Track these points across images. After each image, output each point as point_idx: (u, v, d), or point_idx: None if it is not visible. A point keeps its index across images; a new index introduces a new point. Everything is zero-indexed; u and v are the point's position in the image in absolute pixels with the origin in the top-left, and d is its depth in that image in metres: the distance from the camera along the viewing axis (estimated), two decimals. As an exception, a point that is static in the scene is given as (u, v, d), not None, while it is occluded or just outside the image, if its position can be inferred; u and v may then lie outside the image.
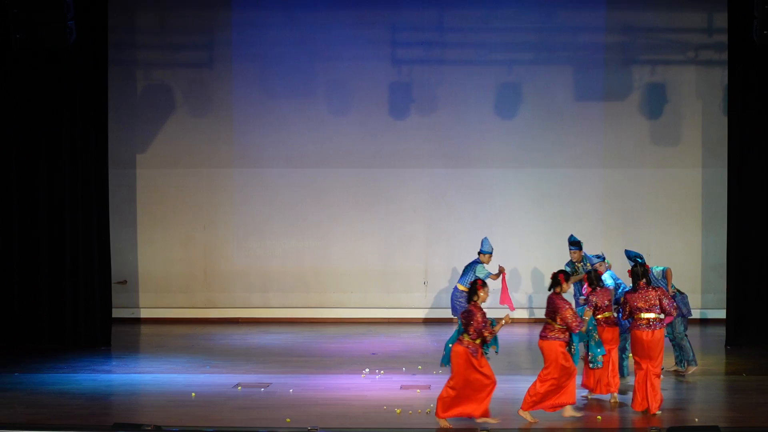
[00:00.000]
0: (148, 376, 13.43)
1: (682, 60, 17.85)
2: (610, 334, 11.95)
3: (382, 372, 13.52)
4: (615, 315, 12.07)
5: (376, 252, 18.08)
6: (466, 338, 10.87)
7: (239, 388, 12.63)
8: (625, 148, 18.02)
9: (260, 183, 18.18)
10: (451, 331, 16.10)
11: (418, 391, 12.45)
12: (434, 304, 18.04)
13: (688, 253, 17.90)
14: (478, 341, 10.85)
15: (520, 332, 16.63)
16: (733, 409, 11.67)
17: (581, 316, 11.42)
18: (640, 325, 11.29)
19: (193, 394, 12.27)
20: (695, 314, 17.71)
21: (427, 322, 17.87)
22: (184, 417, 11.21)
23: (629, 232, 17.91)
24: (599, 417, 11.26)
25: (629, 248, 14.17)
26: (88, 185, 15.65)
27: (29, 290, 15.51)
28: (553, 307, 11.22)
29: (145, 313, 18.09)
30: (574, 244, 15.01)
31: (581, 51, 17.96)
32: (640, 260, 12.45)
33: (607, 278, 13.42)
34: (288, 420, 10.95)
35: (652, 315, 11.26)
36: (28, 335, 15.46)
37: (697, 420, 10.96)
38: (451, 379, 10.91)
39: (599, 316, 11.91)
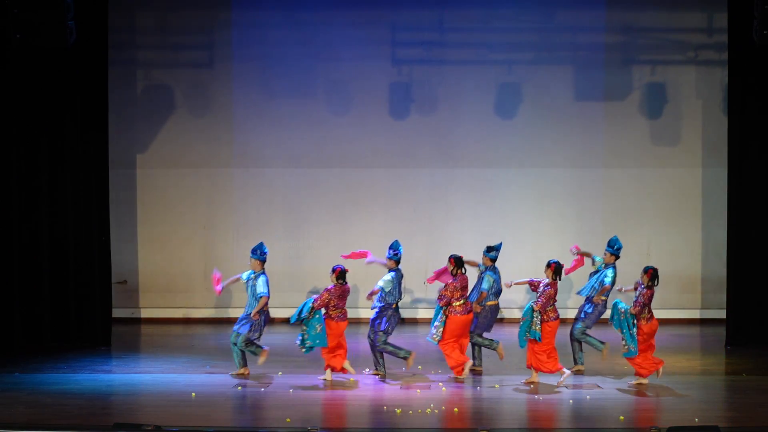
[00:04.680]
0: (148, 376, 13.42)
1: (682, 60, 17.85)
2: None
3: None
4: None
5: (375, 252, 18.00)
6: None
7: (239, 388, 12.63)
8: (625, 148, 18.03)
9: (260, 183, 18.19)
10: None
11: (419, 391, 12.45)
12: (434, 303, 18.00)
13: (688, 253, 17.92)
14: None
15: (514, 331, 16.64)
16: (733, 409, 11.67)
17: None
18: None
19: (193, 394, 12.27)
20: (696, 314, 17.79)
21: (427, 322, 17.84)
22: (184, 417, 11.21)
23: (629, 232, 17.90)
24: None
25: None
26: (88, 185, 15.66)
27: (30, 290, 15.50)
28: None
29: (145, 313, 18.09)
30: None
31: (581, 51, 17.96)
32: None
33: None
34: (288, 420, 10.95)
35: None
36: (29, 335, 15.44)
37: (697, 420, 10.95)
38: None
39: None
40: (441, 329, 13.16)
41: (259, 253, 13.62)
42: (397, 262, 13.70)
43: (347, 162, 18.15)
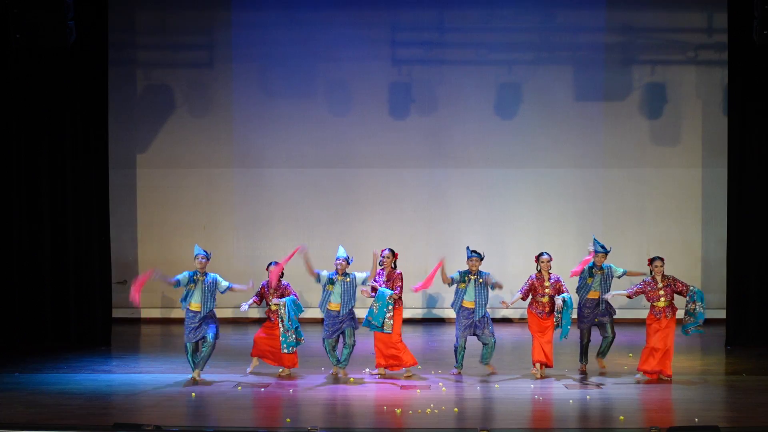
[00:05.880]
0: (148, 376, 13.42)
1: (682, 60, 17.85)
2: None
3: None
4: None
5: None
6: None
7: (239, 388, 12.63)
8: (625, 148, 18.04)
9: (260, 183, 18.19)
10: (450, 330, 16.18)
11: (418, 391, 12.45)
12: (434, 304, 18.04)
13: (687, 252, 17.92)
14: None
15: (514, 332, 16.65)
16: (733, 409, 11.67)
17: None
18: None
19: (193, 394, 12.27)
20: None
21: (427, 322, 17.87)
22: (184, 417, 11.22)
23: (629, 231, 17.92)
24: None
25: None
26: (88, 185, 15.67)
27: (30, 290, 15.52)
28: None
29: (145, 313, 18.09)
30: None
31: (581, 51, 17.96)
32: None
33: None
34: (288, 420, 10.96)
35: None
36: (29, 335, 15.47)
37: (697, 420, 10.95)
38: None
39: None
40: (392, 321, 13.38)
41: (208, 253, 13.52)
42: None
43: (347, 162, 18.15)
